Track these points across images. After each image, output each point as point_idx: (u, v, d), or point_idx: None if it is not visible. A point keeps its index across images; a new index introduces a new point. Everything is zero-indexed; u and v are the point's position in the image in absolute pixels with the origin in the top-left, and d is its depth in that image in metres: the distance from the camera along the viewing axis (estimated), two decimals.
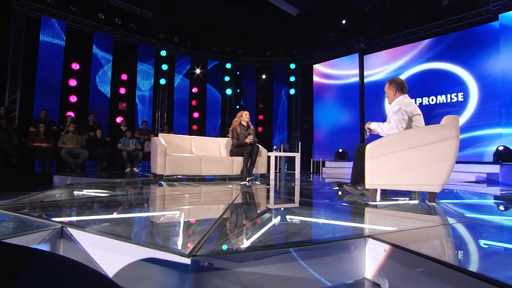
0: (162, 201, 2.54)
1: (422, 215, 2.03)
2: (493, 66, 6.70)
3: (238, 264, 1.11)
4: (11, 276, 0.53)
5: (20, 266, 0.57)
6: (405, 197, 3.07)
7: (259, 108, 11.66)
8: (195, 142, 5.13)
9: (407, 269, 1.19)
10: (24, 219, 1.62)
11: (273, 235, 1.45)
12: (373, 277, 1.35)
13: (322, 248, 1.33)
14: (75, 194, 2.75)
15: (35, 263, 0.59)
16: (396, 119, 2.76)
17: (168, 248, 1.11)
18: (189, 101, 10.62)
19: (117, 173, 6.04)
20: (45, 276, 0.58)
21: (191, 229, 1.48)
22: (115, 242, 1.27)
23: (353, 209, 2.28)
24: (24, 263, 0.58)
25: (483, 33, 6.90)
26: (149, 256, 1.13)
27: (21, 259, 0.59)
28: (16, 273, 0.55)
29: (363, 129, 9.25)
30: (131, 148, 7.21)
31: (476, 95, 6.91)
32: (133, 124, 9.00)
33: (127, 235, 1.36)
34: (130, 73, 9.27)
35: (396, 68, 8.44)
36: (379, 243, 1.33)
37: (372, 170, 2.65)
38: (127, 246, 1.22)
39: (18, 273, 0.55)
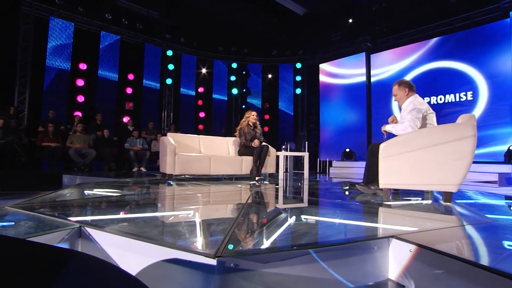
0: (176, 200, 2.54)
1: (441, 215, 2.00)
2: (503, 65, 6.60)
3: (263, 265, 1.10)
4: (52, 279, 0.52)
5: (60, 267, 0.56)
6: (418, 197, 3.03)
7: (265, 108, 11.63)
8: (204, 141, 5.12)
9: (435, 270, 1.17)
10: (41, 218, 1.62)
11: (293, 236, 1.43)
12: (397, 278, 1.32)
13: (345, 249, 1.31)
14: (87, 194, 2.75)
15: (74, 264, 0.58)
16: (410, 118, 2.72)
17: (192, 249, 1.09)
18: (195, 101, 10.63)
19: (125, 173, 6.06)
20: (86, 279, 0.56)
21: (211, 230, 1.47)
22: (135, 242, 1.25)
23: (369, 209, 2.25)
24: (64, 264, 0.57)
25: (493, 30, 6.81)
26: (172, 257, 1.12)
27: (61, 260, 0.58)
28: (57, 275, 0.53)
29: (370, 128, 9.20)
30: (138, 147, 7.23)
31: (485, 94, 6.82)
32: (139, 124, 9.02)
33: (147, 235, 1.35)
34: (136, 73, 9.30)
35: (403, 67, 8.36)
36: (403, 244, 1.31)
37: (386, 170, 2.62)
38: (148, 247, 1.21)
39: (60, 275, 0.54)
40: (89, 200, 2.39)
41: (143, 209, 2.07)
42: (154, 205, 2.24)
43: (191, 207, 2.16)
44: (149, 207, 2.15)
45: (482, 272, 1.02)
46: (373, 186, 2.96)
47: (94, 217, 1.71)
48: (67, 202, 2.29)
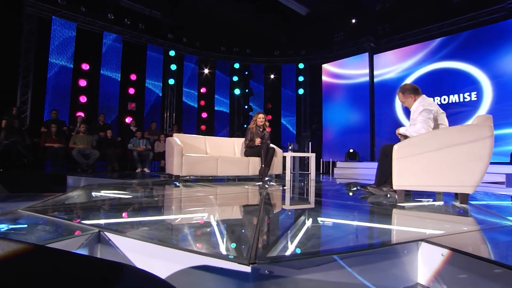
0: (190, 203, 2.50)
1: (463, 217, 1.97)
2: (508, 65, 6.60)
3: (297, 271, 1.07)
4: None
5: (116, 285, 0.53)
6: (429, 198, 3.01)
7: (268, 108, 11.60)
8: (210, 142, 5.09)
9: (471, 275, 1.14)
10: (58, 222, 1.59)
11: (319, 240, 1.40)
12: (427, 282, 1.30)
13: (374, 253, 1.28)
14: (98, 196, 2.72)
15: (128, 281, 0.55)
16: (422, 119, 2.70)
17: (225, 256, 1.06)
18: (198, 101, 10.60)
19: (129, 174, 6.02)
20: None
21: (235, 234, 1.44)
22: (160, 248, 1.22)
23: (387, 211, 2.22)
24: (119, 281, 0.54)
25: (498, 30, 6.80)
26: (202, 263, 1.09)
27: (114, 277, 0.55)
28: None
29: (373, 129, 9.18)
30: (141, 148, 7.19)
31: (490, 94, 6.81)
32: (141, 124, 8.99)
33: (172, 241, 1.33)
34: (139, 73, 9.27)
35: (406, 67, 8.35)
36: (435, 247, 1.28)
37: (400, 171, 2.60)
38: (175, 253, 1.17)
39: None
40: (102, 202, 2.35)
41: (159, 212, 2.04)
42: (170, 208, 2.21)
43: (207, 209, 2.13)
44: (165, 210, 2.12)
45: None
46: (385, 188, 2.93)
47: (109, 220, 1.68)
48: (80, 205, 2.26)
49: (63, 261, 0.61)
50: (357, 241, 1.42)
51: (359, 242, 1.41)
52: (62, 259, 0.62)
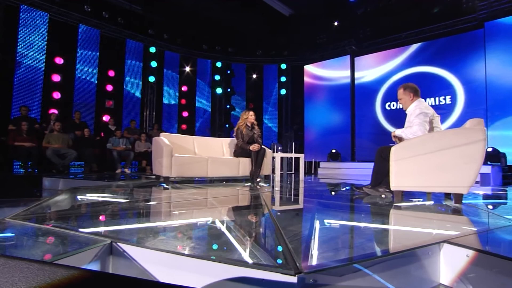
0: (196, 207, 2.40)
1: (469, 217, 2.05)
2: (478, 71, 7.04)
3: (338, 278, 1.05)
4: None
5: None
6: (419, 198, 3.12)
7: (250, 108, 11.55)
8: (198, 142, 4.97)
9: (499, 276, 1.17)
10: (59, 232, 1.45)
11: (347, 244, 1.39)
12: (450, 283, 1.32)
13: (400, 257, 1.28)
14: (89, 200, 2.55)
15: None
16: (418, 122, 2.79)
17: (268, 266, 1.02)
18: (179, 100, 10.34)
19: (110, 175, 5.74)
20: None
21: (261, 241, 1.39)
22: (187, 259, 1.15)
23: (399, 213, 2.26)
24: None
25: (470, 39, 7.24)
26: (239, 275, 1.03)
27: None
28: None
29: (353, 130, 9.44)
30: (121, 148, 6.89)
31: (462, 98, 7.24)
32: (120, 123, 8.61)
33: (194, 250, 1.25)
34: (117, 69, 8.86)
35: (386, 71, 8.66)
36: (458, 248, 1.31)
37: (398, 172, 2.67)
38: (206, 264, 1.11)
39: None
40: (100, 208, 2.20)
41: (168, 218, 1.93)
42: (177, 213, 2.11)
43: (219, 214, 2.05)
44: (173, 216, 2.02)
45: None
46: (381, 189, 3.00)
47: (112, 227, 1.56)
48: (75, 211, 2.09)
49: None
50: (382, 246, 1.42)
51: (383, 247, 1.42)
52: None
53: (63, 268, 0.60)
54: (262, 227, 1.68)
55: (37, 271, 0.58)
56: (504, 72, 6.57)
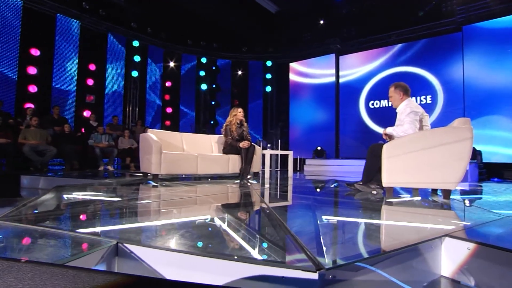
0: (197, 205, 2.36)
1: (461, 212, 2.14)
2: (456, 73, 7.36)
3: (354, 274, 1.07)
4: None
5: None
6: (407, 194, 3.24)
7: (234, 105, 11.48)
8: (186, 139, 4.89)
9: (499, 267, 1.24)
10: (57, 233, 1.38)
11: (357, 240, 1.42)
12: (451, 274, 1.38)
13: (405, 251, 1.32)
14: (81, 199, 2.44)
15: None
16: (409, 120, 2.88)
17: (289, 264, 1.02)
18: (162, 95, 10.11)
19: (93, 173, 5.53)
20: None
21: (273, 238, 1.38)
22: (202, 259, 1.12)
23: (396, 208, 2.32)
24: None
25: (449, 42, 7.54)
26: (257, 273, 1.02)
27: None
28: None
29: (338, 128, 9.62)
30: (104, 144, 6.65)
31: (442, 98, 7.55)
32: (101, 119, 8.31)
33: (207, 248, 1.23)
34: (98, 63, 8.53)
35: (369, 70, 8.87)
36: (459, 241, 1.37)
37: (389, 169, 2.74)
38: (221, 263, 1.09)
39: None
40: (92, 208, 2.11)
41: (168, 217, 1.89)
42: (179, 211, 2.06)
43: (218, 212, 2.03)
44: (174, 214, 1.97)
45: None
46: (373, 185, 3.08)
47: (111, 227, 1.50)
48: (67, 211, 2.00)
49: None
50: (389, 242, 1.46)
51: (390, 242, 1.45)
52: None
53: (101, 273, 0.57)
54: (268, 225, 1.68)
55: (73, 277, 0.55)
56: (480, 74, 6.90)
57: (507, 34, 6.60)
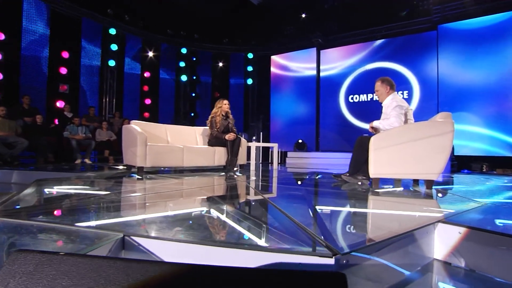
0: (187, 197, 2.33)
1: (445, 200, 2.28)
2: (432, 70, 7.72)
3: (364, 259, 1.11)
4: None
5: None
6: (390, 185, 3.39)
7: (215, 97, 11.35)
8: (171, 131, 4.79)
9: (487, 248, 1.34)
10: (57, 228, 1.32)
11: (365, 227, 1.48)
12: (444, 257, 1.48)
13: (401, 238, 1.39)
14: (64, 193, 2.34)
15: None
16: (395, 114, 3.00)
17: (305, 250, 1.04)
18: (141, 86, 9.78)
19: (70, 166, 5.28)
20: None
21: (280, 227, 1.41)
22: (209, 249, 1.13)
23: (388, 198, 2.42)
24: None
25: (425, 40, 7.87)
26: (273, 261, 1.04)
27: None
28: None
29: (318, 121, 9.80)
30: (80, 136, 6.36)
31: (418, 93, 7.90)
32: (76, 110, 7.92)
33: (219, 238, 1.23)
34: (72, 51, 8.06)
35: (350, 65, 9.08)
36: (451, 226, 1.46)
37: (376, 161, 2.86)
38: (238, 253, 1.09)
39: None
40: (88, 201, 2.03)
41: (167, 209, 1.85)
42: (180, 203, 2.03)
43: (219, 203, 2.02)
44: (173, 206, 1.93)
45: None
46: (360, 176, 3.19)
47: (113, 220, 1.46)
48: (60, 204, 1.91)
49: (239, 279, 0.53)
50: (388, 228, 1.53)
51: (388, 229, 1.52)
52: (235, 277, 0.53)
53: (150, 263, 0.56)
54: (271, 215, 1.70)
55: (123, 268, 0.54)
56: (453, 72, 7.29)
57: (478, 35, 7.01)
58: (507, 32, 6.71)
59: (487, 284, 1.28)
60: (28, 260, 0.54)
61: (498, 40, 6.78)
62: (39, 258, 0.55)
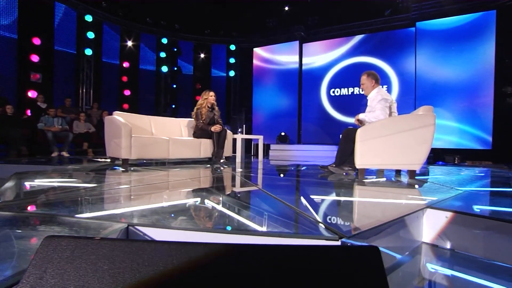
0: (182, 188, 2.31)
1: (429, 189, 2.41)
2: (410, 65, 8.01)
3: (364, 241, 1.17)
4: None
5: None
6: (373, 175, 3.53)
7: (197, 89, 11.18)
8: (155, 122, 4.70)
9: (471, 230, 1.45)
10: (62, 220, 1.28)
11: (365, 213, 1.54)
12: (431, 240, 1.59)
13: (394, 223, 1.47)
14: (50, 186, 2.25)
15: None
16: (380, 107, 3.11)
17: (313, 234, 1.08)
18: (119, 77, 9.43)
19: (47, 159, 5.05)
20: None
21: (280, 214, 1.44)
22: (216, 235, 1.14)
23: (378, 188, 2.52)
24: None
25: (403, 36, 8.14)
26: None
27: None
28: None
29: (300, 114, 9.93)
30: (57, 128, 6.07)
31: (397, 88, 8.19)
32: (51, 100, 7.52)
33: (225, 226, 1.25)
34: (44, 37, 7.61)
35: (331, 59, 9.23)
36: (439, 211, 1.57)
37: (362, 152, 2.96)
38: (246, 239, 1.12)
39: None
40: (76, 194, 1.96)
41: (166, 199, 1.83)
42: (180, 193, 2.01)
43: (214, 193, 2.02)
44: (171, 197, 1.92)
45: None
46: (346, 167, 3.30)
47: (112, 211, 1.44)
48: (48, 196, 1.83)
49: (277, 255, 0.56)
50: (381, 214, 1.60)
51: (382, 215, 1.60)
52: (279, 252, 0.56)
53: (191, 245, 0.57)
54: (269, 203, 1.73)
55: (165, 250, 0.55)
56: (430, 68, 7.61)
57: (452, 33, 7.34)
58: (479, 32, 7.09)
59: (469, 263, 1.39)
60: (63, 246, 0.54)
61: (471, 39, 7.15)
62: (75, 243, 0.54)
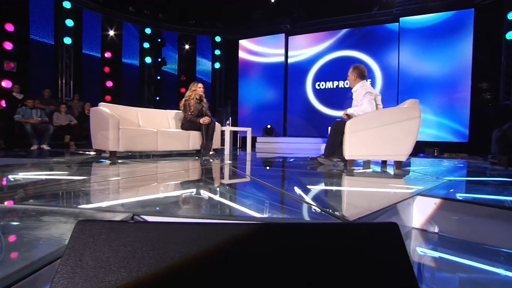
0: (177, 179, 2.30)
1: (415, 179, 2.53)
2: (393, 60, 8.22)
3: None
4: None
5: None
6: (360, 167, 3.65)
7: (181, 80, 11.00)
8: (142, 114, 4.61)
9: (457, 215, 1.55)
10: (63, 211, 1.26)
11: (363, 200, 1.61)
12: (421, 225, 1.69)
13: (387, 210, 1.55)
14: (41, 178, 2.18)
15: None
16: (367, 101, 3.21)
17: (324, 216, 1.12)
18: (101, 67, 9.12)
19: (27, 152, 4.86)
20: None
21: (280, 202, 1.48)
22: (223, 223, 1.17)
23: (367, 178, 2.60)
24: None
25: (387, 31, 8.32)
26: None
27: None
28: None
29: (285, 106, 10.00)
30: (35, 120, 5.83)
31: (380, 82, 8.40)
32: (28, 91, 7.18)
33: (233, 214, 1.27)
34: (18, 24, 7.21)
35: (317, 52, 9.31)
36: (428, 198, 1.66)
37: (351, 143, 3.05)
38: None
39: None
40: (73, 186, 1.92)
41: (167, 190, 1.83)
42: (173, 184, 2.00)
43: (214, 183, 2.03)
44: (172, 187, 1.91)
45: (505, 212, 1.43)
46: (335, 158, 3.39)
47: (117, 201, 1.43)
48: (36, 189, 1.78)
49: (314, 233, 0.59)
50: (373, 202, 1.68)
51: (376, 202, 1.68)
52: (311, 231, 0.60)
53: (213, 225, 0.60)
54: (267, 192, 1.76)
55: (202, 230, 0.58)
56: (412, 63, 7.85)
57: (433, 30, 7.59)
58: (458, 29, 7.36)
59: (455, 245, 1.50)
60: (97, 229, 0.55)
61: (450, 36, 7.42)
62: (110, 226, 0.55)
